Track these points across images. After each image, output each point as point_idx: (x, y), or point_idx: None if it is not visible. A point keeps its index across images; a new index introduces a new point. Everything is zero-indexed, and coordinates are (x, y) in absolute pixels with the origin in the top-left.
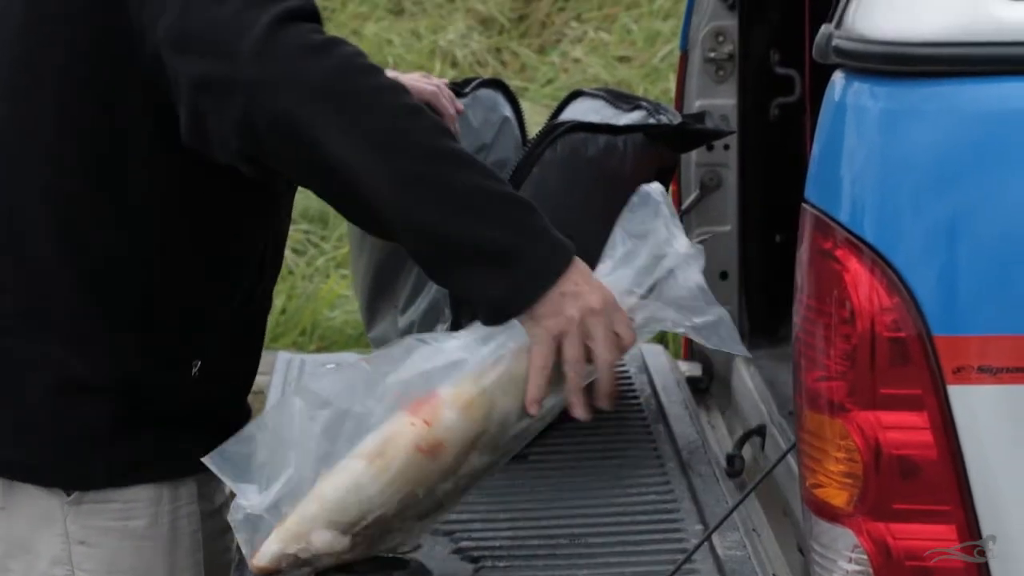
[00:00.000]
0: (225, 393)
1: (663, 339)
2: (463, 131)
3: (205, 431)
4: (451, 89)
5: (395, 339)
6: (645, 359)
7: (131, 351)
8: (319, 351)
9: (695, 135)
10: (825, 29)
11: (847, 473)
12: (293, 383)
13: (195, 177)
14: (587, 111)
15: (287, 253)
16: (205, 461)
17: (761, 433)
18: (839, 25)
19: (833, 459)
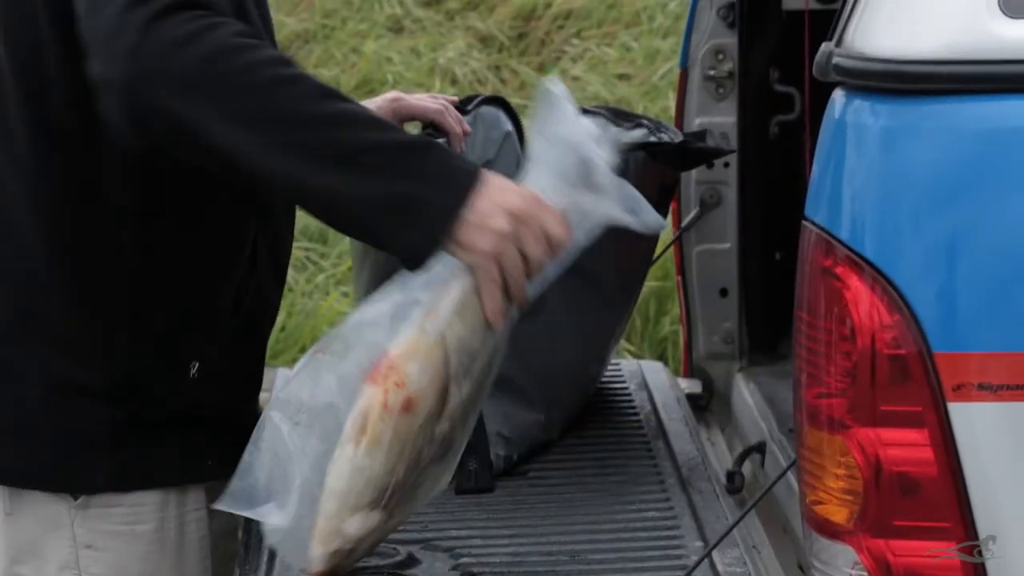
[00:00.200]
0: (228, 395)
1: (663, 356)
2: (467, 149)
3: (213, 436)
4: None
5: None
6: (645, 376)
7: (125, 353)
8: None
9: (697, 153)
10: (825, 47)
11: (847, 490)
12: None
13: (164, 171)
14: None
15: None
16: (217, 507)
17: (761, 450)
18: (839, 43)
19: (833, 476)
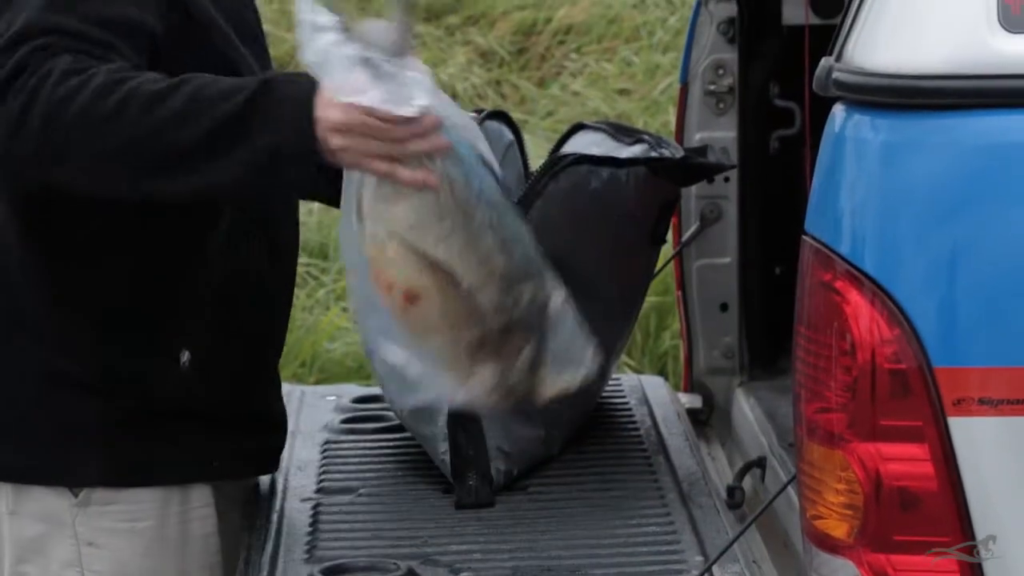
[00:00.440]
0: (227, 389)
1: (663, 371)
2: None
3: (217, 435)
4: None
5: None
6: (645, 391)
7: (111, 344)
8: (319, 383)
9: (698, 169)
10: (825, 62)
11: (847, 504)
12: (295, 415)
13: None
14: (589, 144)
15: None
16: None
17: (761, 465)
18: (839, 58)
19: (833, 490)
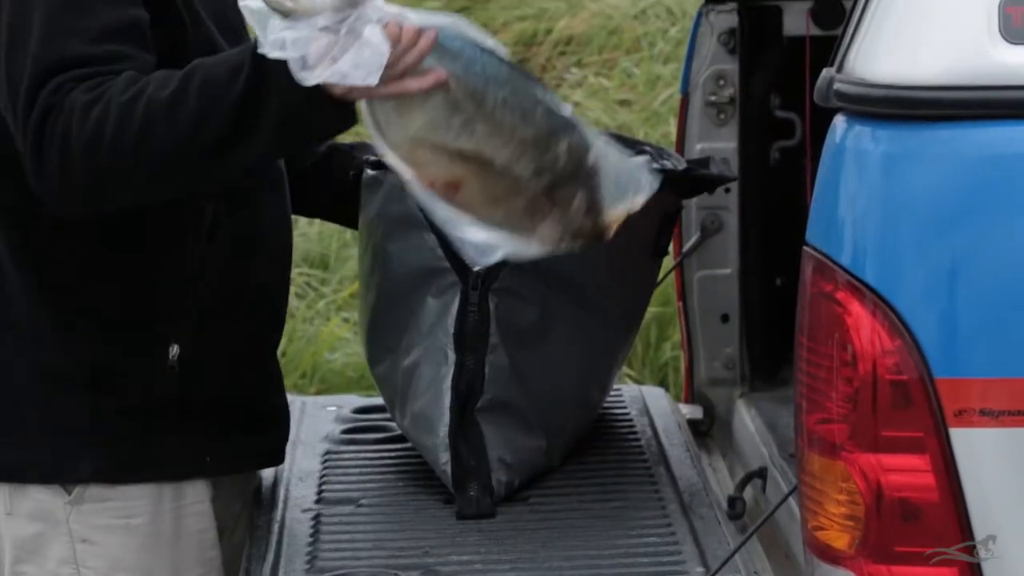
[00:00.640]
0: (217, 384)
1: (664, 382)
2: None
3: (211, 432)
4: None
5: (397, 377)
6: (646, 402)
7: (98, 338)
8: (319, 393)
9: (700, 180)
10: (826, 73)
11: (849, 515)
12: (296, 425)
13: None
14: None
15: None
16: None
17: (762, 475)
18: (840, 69)
19: (835, 501)
